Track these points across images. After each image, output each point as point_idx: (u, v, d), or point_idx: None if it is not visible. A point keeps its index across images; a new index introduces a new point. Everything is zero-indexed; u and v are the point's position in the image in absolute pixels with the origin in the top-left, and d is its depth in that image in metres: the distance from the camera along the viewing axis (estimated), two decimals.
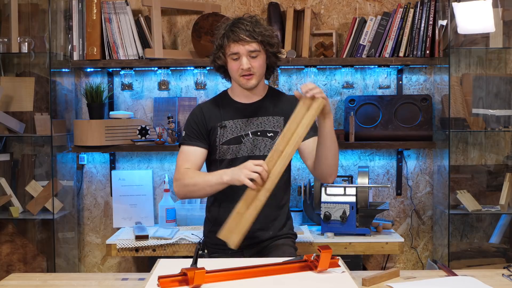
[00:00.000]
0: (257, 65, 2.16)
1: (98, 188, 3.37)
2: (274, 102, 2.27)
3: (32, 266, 3.12)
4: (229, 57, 2.16)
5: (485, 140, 3.32)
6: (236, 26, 2.13)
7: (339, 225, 2.85)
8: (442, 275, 1.94)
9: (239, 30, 2.12)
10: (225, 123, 2.22)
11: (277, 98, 2.29)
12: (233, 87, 2.29)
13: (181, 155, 2.23)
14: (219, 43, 2.17)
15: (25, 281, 1.95)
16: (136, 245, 2.85)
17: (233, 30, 2.13)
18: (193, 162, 2.20)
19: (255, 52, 2.14)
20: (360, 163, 3.33)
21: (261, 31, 2.14)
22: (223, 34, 2.15)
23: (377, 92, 3.31)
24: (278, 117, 2.24)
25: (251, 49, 2.13)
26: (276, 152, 1.93)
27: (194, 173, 2.16)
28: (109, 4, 3.13)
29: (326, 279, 1.78)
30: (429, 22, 3.10)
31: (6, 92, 3.13)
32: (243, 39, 2.11)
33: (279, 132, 2.21)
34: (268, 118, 2.24)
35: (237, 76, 2.17)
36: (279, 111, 2.25)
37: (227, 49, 2.15)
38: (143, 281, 1.78)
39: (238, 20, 2.17)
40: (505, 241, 3.24)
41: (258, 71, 2.17)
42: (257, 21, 2.18)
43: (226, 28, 2.16)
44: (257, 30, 2.13)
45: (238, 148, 2.20)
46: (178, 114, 3.26)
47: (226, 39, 2.13)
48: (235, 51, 2.13)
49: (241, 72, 2.15)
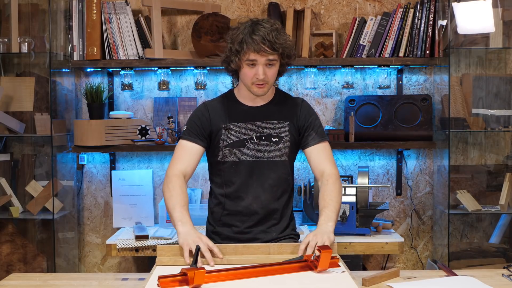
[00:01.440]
0: (271, 74, 2.11)
1: (98, 188, 3.37)
2: (280, 107, 2.24)
3: (32, 266, 3.13)
4: (245, 62, 2.09)
5: (485, 140, 3.32)
6: (256, 34, 2.04)
7: (339, 225, 2.85)
8: (442, 275, 1.94)
9: (260, 39, 2.04)
10: (230, 125, 2.19)
11: (283, 102, 2.26)
12: (240, 88, 2.24)
13: (178, 150, 2.20)
14: (237, 48, 2.08)
15: (25, 281, 1.95)
16: (136, 245, 2.85)
17: (254, 38, 2.03)
18: (188, 161, 2.17)
19: (273, 61, 2.09)
20: (360, 163, 3.33)
21: (282, 43, 2.07)
22: (242, 39, 2.05)
23: (377, 92, 3.31)
24: (283, 122, 2.21)
25: (270, 58, 2.07)
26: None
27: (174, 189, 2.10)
28: (109, 4, 3.13)
29: (326, 279, 1.78)
30: (429, 22, 3.10)
31: (6, 92, 3.13)
32: (264, 50, 2.05)
33: (284, 137, 2.20)
34: (274, 123, 2.21)
35: (249, 84, 2.12)
36: (284, 116, 2.22)
37: (245, 56, 2.07)
38: (143, 281, 1.78)
39: (257, 26, 2.06)
40: (505, 241, 3.24)
41: (271, 80, 2.12)
42: (278, 29, 2.09)
43: (245, 33, 2.06)
44: (277, 42, 2.05)
45: (241, 151, 2.18)
46: (178, 114, 3.26)
47: (246, 45, 2.04)
48: (253, 58, 2.06)
49: (255, 80, 2.10)
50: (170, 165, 2.18)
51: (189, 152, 2.18)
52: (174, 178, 2.13)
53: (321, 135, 2.21)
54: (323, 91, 3.33)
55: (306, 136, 2.21)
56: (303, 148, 2.23)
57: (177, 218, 2.03)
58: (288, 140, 2.20)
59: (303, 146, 2.22)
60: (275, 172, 2.19)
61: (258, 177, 2.18)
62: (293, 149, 2.23)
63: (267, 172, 2.18)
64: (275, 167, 2.19)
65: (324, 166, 2.18)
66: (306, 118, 2.22)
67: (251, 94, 2.19)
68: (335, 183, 2.14)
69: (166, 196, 2.11)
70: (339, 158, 3.33)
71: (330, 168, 2.17)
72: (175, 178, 2.13)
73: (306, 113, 2.23)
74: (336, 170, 2.19)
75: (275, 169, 2.19)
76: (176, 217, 2.03)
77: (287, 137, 2.20)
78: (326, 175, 2.16)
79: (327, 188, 2.13)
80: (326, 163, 2.19)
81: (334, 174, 2.16)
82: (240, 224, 2.20)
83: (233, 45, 2.09)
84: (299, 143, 2.24)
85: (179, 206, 2.06)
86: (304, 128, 2.22)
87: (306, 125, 2.21)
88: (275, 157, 2.18)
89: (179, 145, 2.22)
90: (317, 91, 3.32)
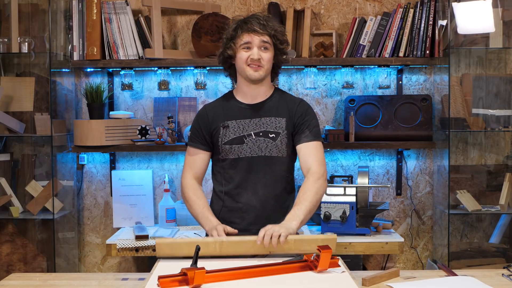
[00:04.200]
0: (266, 57, 2.19)
1: (98, 188, 3.37)
2: (278, 103, 2.26)
3: (32, 266, 3.13)
4: (240, 47, 2.18)
5: (485, 140, 3.32)
6: (249, 19, 2.20)
7: (339, 225, 2.85)
8: (442, 275, 1.95)
9: (253, 22, 2.17)
10: (228, 123, 2.23)
11: (281, 99, 2.28)
12: (238, 87, 2.29)
13: (188, 158, 2.32)
14: (231, 34, 2.20)
15: (25, 281, 1.95)
16: (136, 245, 2.85)
17: (247, 21, 2.19)
18: (198, 168, 2.30)
19: (267, 44, 2.18)
20: (360, 163, 3.33)
21: (274, 26, 2.20)
22: (236, 26, 2.20)
23: (377, 92, 3.31)
24: (280, 118, 2.23)
25: (264, 39, 2.17)
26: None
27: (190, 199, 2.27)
28: (109, 4, 3.13)
29: (326, 279, 1.78)
30: (429, 22, 3.10)
31: (6, 92, 3.13)
32: (256, 30, 2.16)
33: (281, 133, 2.21)
34: (271, 119, 2.23)
35: (245, 66, 2.18)
36: (281, 112, 2.24)
37: (239, 39, 2.18)
38: (143, 281, 1.78)
39: (251, 15, 2.23)
40: (505, 241, 3.24)
41: (266, 64, 2.19)
42: (269, 17, 2.24)
43: (238, 22, 2.21)
44: (270, 24, 2.19)
45: (240, 148, 2.20)
46: (178, 114, 3.26)
47: (240, 30, 2.18)
48: (247, 40, 2.16)
49: (250, 61, 2.17)
50: (182, 174, 2.33)
51: (195, 157, 2.30)
52: (188, 186, 2.29)
53: (315, 134, 2.22)
54: (323, 91, 3.33)
55: (300, 133, 2.23)
56: (295, 145, 2.24)
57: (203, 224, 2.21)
58: (285, 136, 2.21)
59: (295, 143, 2.24)
60: (272, 168, 2.21)
61: (257, 173, 2.20)
62: (291, 146, 2.24)
63: (264, 167, 2.21)
64: (272, 163, 2.21)
65: (310, 163, 2.18)
66: (302, 116, 2.24)
67: (249, 91, 2.24)
68: (316, 182, 2.15)
69: (187, 206, 2.30)
70: (339, 158, 3.33)
71: (315, 166, 2.17)
72: (189, 186, 2.29)
73: (303, 112, 2.25)
74: (321, 169, 2.18)
75: (272, 165, 2.21)
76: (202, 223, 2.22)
77: (283, 133, 2.21)
78: (310, 172, 2.17)
79: (304, 186, 2.16)
80: (313, 160, 2.19)
81: (317, 172, 2.16)
82: (239, 221, 2.21)
83: (228, 33, 2.23)
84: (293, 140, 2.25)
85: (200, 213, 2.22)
86: (298, 126, 2.23)
87: (301, 122, 2.23)
88: (272, 153, 2.21)
89: (187, 151, 2.34)
90: (317, 91, 3.32)
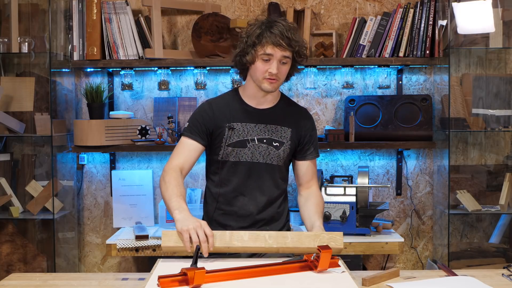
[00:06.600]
0: (283, 71, 2.13)
1: (98, 188, 3.37)
2: (284, 112, 2.24)
3: (32, 266, 3.13)
4: (260, 56, 2.10)
5: (485, 140, 3.32)
6: (275, 29, 2.08)
7: (339, 225, 2.85)
8: (442, 275, 1.94)
9: (278, 34, 2.07)
10: (234, 124, 2.18)
11: (287, 108, 2.26)
12: (246, 87, 2.23)
13: (178, 146, 2.20)
14: (254, 41, 2.09)
15: (25, 281, 1.95)
16: (136, 245, 2.85)
17: (273, 32, 2.07)
18: (186, 157, 2.17)
19: (287, 59, 2.11)
20: (360, 163, 3.33)
21: (298, 41, 2.12)
22: (261, 33, 2.08)
23: (377, 92, 3.31)
24: (286, 128, 2.21)
25: (285, 55, 2.09)
26: None
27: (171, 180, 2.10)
28: (109, 4, 3.13)
29: (326, 279, 1.78)
30: (429, 22, 3.10)
31: (6, 92, 3.13)
32: (282, 45, 2.06)
33: (285, 143, 2.20)
34: (277, 128, 2.20)
35: (261, 78, 2.12)
36: (288, 123, 2.23)
37: (261, 49, 2.08)
38: (143, 281, 1.78)
39: (275, 22, 2.10)
40: (505, 241, 3.24)
41: (282, 77, 2.14)
42: (295, 28, 2.14)
43: (263, 28, 2.09)
44: (294, 39, 2.10)
45: (242, 151, 2.17)
46: (178, 114, 3.26)
47: (264, 39, 2.07)
48: (270, 52, 2.07)
49: (267, 75, 2.10)
50: (168, 161, 2.18)
51: (188, 148, 2.18)
52: (170, 171, 2.12)
53: (316, 150, 2.29)
54: (323, 91, 3.33)
55: (306, 150, 2.25)
56: (298, 160, 2.27)
57: (174, 207, 2.01)
58: (289, 147, 2.21)
59: (299, 158, 2.26)
60: (271, 175, 2.20)
61: (255, 179, 2.18)
62: (290, 155, 2.25)
63: (264, 174, 2.19)
64: (272, 171, 2.20)
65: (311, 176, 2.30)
66: (309, 132, 2.25)
67: (257, 95, 2.19)
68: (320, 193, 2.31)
69: (162, 189, 2.11)
70: (339, 158, 3.34)
71: (315, 179, 2.32)
72: (171, 171, 2.12)
73: (310, 126, 2.26)
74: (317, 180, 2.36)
75: (272, 173, 2.20)
76: (173, 206, 2.01)
77: (287, 143, 2.20)
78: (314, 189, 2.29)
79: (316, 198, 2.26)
80: (313, 174, 2.30)
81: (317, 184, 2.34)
82: (234, 224, 2.20)
83: (250, 38, 2.10)
84: (296, 152, 2.27)
85: (175, 196, 2.05)
86: (305, 141, 2.24)
87: (308, 138, 2.25)
88: (273, 161, 2.19)
89: (179, 141, 2.21)
90: (317, 91, 3.32)
